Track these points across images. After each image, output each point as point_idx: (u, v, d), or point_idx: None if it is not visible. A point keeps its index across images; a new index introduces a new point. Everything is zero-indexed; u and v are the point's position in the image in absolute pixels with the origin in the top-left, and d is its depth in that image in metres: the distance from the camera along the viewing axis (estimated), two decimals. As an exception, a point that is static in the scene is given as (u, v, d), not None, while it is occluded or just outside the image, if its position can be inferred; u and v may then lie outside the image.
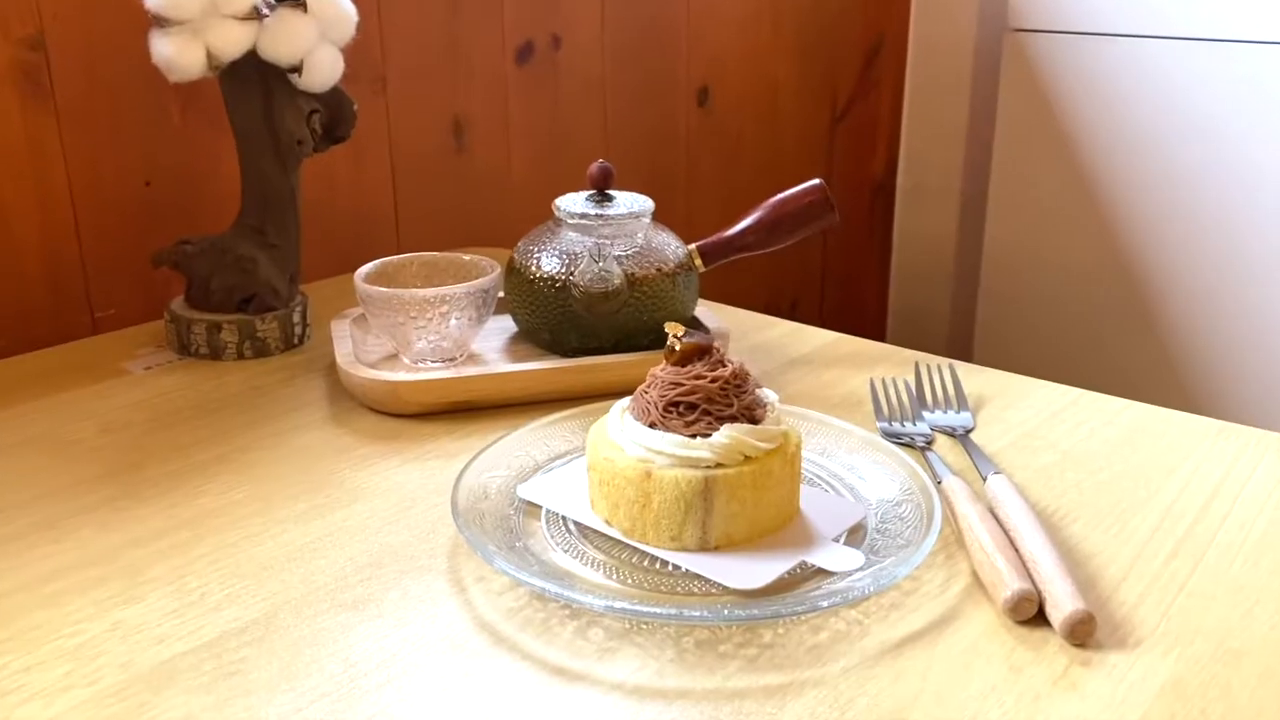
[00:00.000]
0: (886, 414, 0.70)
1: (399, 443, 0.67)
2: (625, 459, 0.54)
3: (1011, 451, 0.66)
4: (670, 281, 0.76)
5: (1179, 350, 1.54)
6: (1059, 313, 1.65)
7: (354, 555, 0.55)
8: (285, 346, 0.82)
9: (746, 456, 0.53)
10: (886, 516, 0.57)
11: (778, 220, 0.78)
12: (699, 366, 0.54)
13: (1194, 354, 1.53)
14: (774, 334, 0.87)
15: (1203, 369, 1.53)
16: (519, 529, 0.56)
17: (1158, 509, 0.59)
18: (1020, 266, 1.69)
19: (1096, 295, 1.61)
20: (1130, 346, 1.58)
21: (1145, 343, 1.57)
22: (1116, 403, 0.73)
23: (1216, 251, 1.48)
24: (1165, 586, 0.52)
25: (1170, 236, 1.52)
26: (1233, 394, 1.51)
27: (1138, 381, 1.58)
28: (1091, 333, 1.62)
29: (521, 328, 0.79)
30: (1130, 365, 1.59)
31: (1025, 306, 1.69)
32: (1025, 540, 0.53)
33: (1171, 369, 1.55)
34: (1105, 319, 1.60)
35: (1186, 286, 1.52)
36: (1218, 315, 1.50)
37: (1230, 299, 1.48)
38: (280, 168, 0.80)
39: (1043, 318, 1.67)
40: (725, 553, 0.53)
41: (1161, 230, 1.53)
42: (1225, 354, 1.51)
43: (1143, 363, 1.58)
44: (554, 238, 0.77)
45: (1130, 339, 1.58)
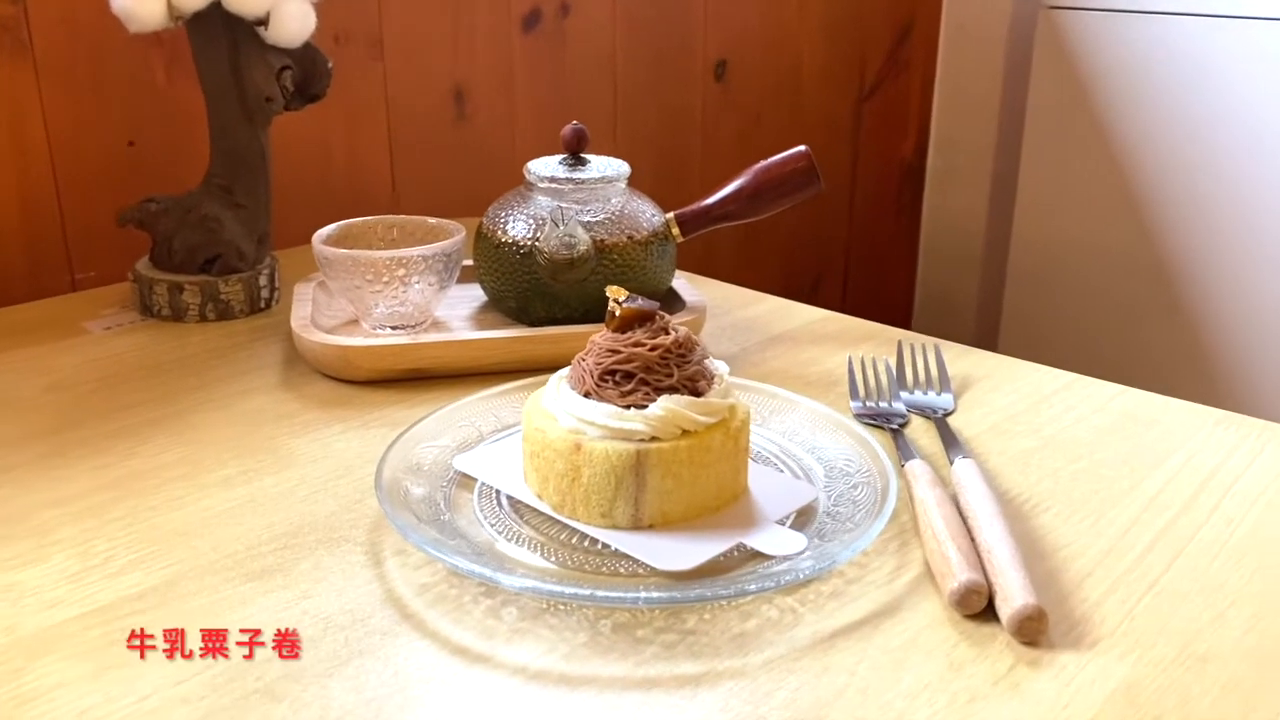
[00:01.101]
0: (862, 394, 0.66)
1: (346, 410, 0.65)
2: (556, 430, 0.50)
3: (990, 436, 0.62)
4: (643, 250, 0.72)
5: (1210, 340, 1.48)
6: (1088, 299, 1.59)
7: (273, 523, 0.52)
8: (251, 310, 0.79)
9: (685, 431, 0.50)
10: (840, 499, 0.53)
11: (760, 188, 0.74)
12: (639, 334, 0.51)
13: (1226, 345, 1.47)
14: (760, 310, 0.83)
15: (1235, 360, 1.46)
16: (448, 502, 0.53)
17: (1139, 501, 0.55)
18: (1050, 251, 1.63)
19: (1127, 282, 1.54)
20: (1160, 335, 1.52)
21: (1175, 332, 1.50)
22: (1110, 388, 0.69)
23: (1253, 240, 1.42)
24: (1134, 583, 0.48)
25: (1205, 223, 1.46)
26: (1267, 386, 1.44)
27: (1166, 370, 1.51)
28: (1120, 320, 1.56)
29: (489, 295, 0.76)
30: (1159, 354, 1.52)
31: (1054, 292, 1.63)
32: (983, 528, 0.49)
33: (1202, 358, 1.49)
34: (1135, 306, 1.54)
35: (1220, 274, 1.45)
36: (1252, 305, 1.43)
37: (1267, 288, 1.42)
38: (249, 125, 0.78)
39: (1071, 304, 1.61)
40: (659, 532, 0.49)
41: (1195, 216, 1.46)
42: (1260, 345, 1.44)
43: (1172, 352, 1.51)
44: (524, 202, 0.74)
45: (1160, 327, 1.52)
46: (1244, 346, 1.45)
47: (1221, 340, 1.47)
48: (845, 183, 1.70)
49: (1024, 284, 1.67)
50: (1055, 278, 1.63)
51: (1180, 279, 1.49)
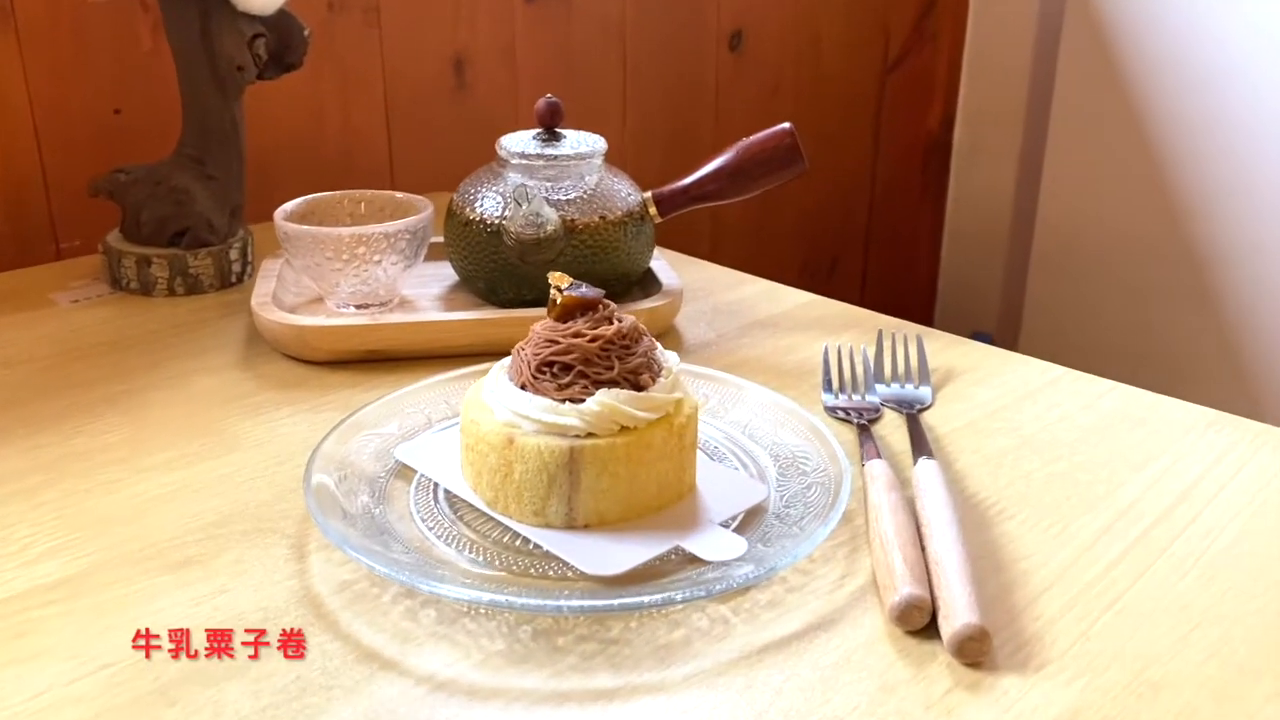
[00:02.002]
0: (835, 385, 0.63)
1: (300, 391, 0.63)
2: (491, 423, 0.48)
3: (965, 433, 0.59)
4: (618, 230, 0.70)
5: (1236, 330, 1.43)
6: (1113, 284, 1.55)
7: (202, 511, 0.51)
8: (221, 284, 0.78)
9: (623, 427, 0.47)
10: (792, 499, 0.50)
11: (741, 167, 0.71)
12: (580, 323, 0.49)
13: (1253, 336, 1.41)
14: (745, 293, 0.80)
15: (1262, 351, 1.41)
16: (383, 494, 0.51)
17: (1113, 508, 0.52)
18: (1076, 233, 1.58)
19: (1153, 268, 1.49)
20: (1186, 324, 1.47)
21: (1201, 321, 1.45)
22: (1100, 384, 0.65)
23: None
24: (1094, 600, 0.45)
25: (1236, 210, 1.40)
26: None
27: (1189, 360, 1.46)
28: (1145, 307, 1.51)
29: (459, 275, 0.74)
30: (1184, 343, 1.47)
31: (1079, 276, 1.59)
32: (934, 537, 0.46)
33: (1228, 349, 1.44)
34: (1161, 293, 1.49)
35: (1251, 264, 1.40)
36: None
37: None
38: (220, 95, 0.76)
39: (1097, 289, 1.57)
40: (594, 532, 0.47)
41: (1227, 202, 1.41)
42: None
43: (1197, 342, 1.46)
44: (495, 179, 0.71)
45: (1186, 316, 1.47)
46: (1272, 339, 1.40)
47: (1248, 332, 1.42)
48: (867, 159, 1.66)
49: (1048, 267, 1.63)
50: (1080, 261, 1.58)
51: (1208, 267, 1.44)
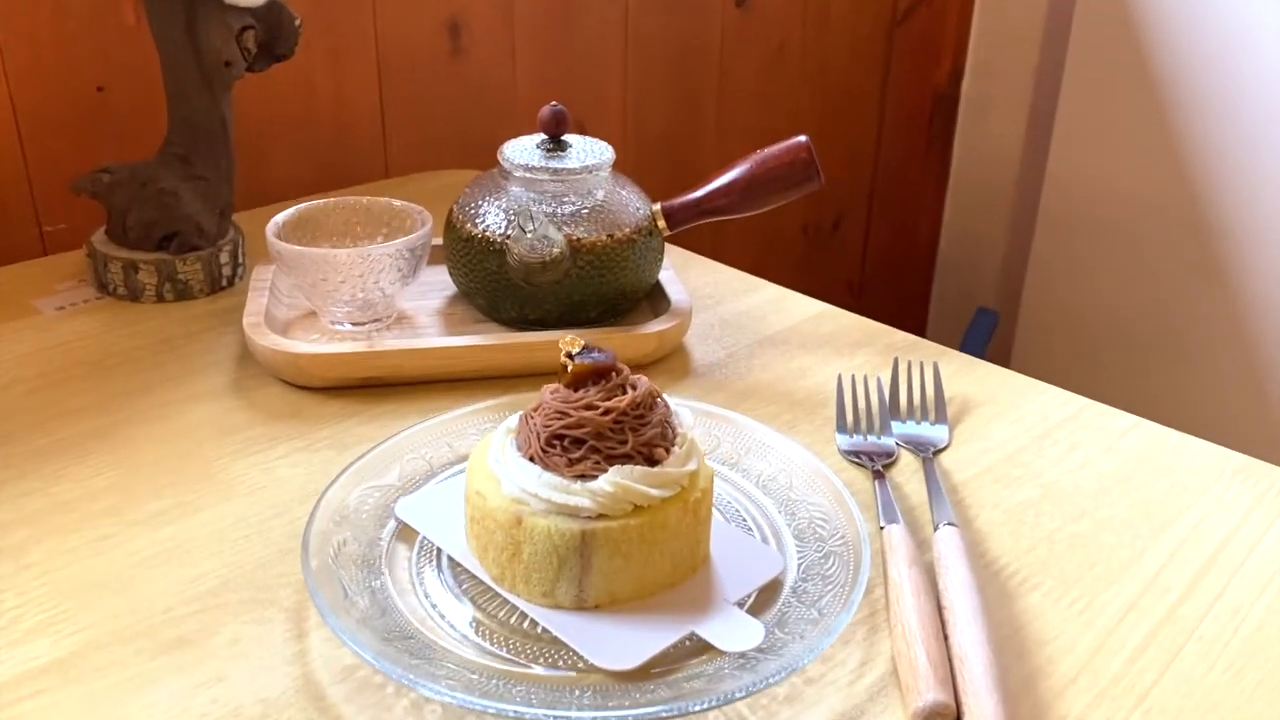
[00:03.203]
0: (849, 424, 0.61)
1: (296, 423, 0.61)
2: (498, 497, 0.46)
3: (985, 481, 0.57)
4: (626, 248, 0.67)
5: (1245, 302, 1.40)
6: (1119, 248, 1.52)
7: (198, 576, 0.49)
8: (211, 289, 0.75)
9: (637, 506, 0.45)
10: (809, 571, 0.49)
11: (754, 182, 0.68)
12: (593, 393, 0.46)
13: (1263, 307, 1.39)
14: (752, 302, 0.77)
15: (1272, 326, 1.39)
16: (384, 559, 0.49)
17: (1139, 580, 0.50)
18: (1084, 193, 1.54)
19: (1161, 234, 1.46)
20: (1191, 292, 1.45)
21: (1208, 290, 1.43)
22: (1122, 420, 0.63)
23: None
24: (1121, 697, 0.44)
25: (1251, 181, 1.37)
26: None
27: (1195, 332, 1.45)
28: (1151, 273, 1.49)
29: (459, 289, 0.71)
30: (1190, 312, 1.45)
31: (1085, 239, 1.56)
32: (958, 627, 0.44)
33: (1235, 319, 1.41)
34: (1167, 260, 1.46)
35: (1263, 236, 1.37)
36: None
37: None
38: (207, 92, 0.72)
39: (1102, 251, 1.54)
40: (604, 613, 0.45)
41: (1242, 173, 1.37)
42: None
43: (1203, 311, 1.44)
44: (497, 191, 0.68)
45: (1193, 284, 1.45)
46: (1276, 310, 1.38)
47: (1255, 305, 1.39)
48: (874, 113, 1.62)
49: (1053, 227, 1.59)
50: (1087, 222, 1.55)
51: (1217, 236, 1.41)
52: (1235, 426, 1.44)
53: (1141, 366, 1.52)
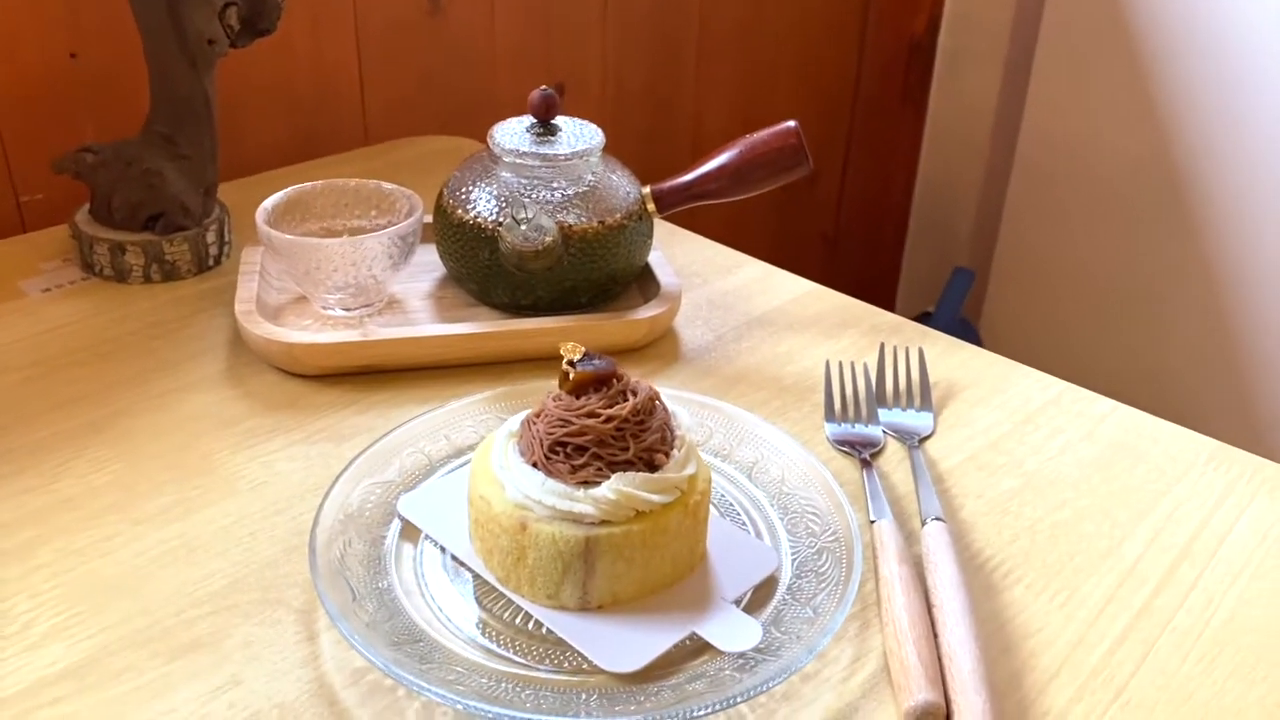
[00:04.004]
0: (837, 412, 0.62)
1: (293, 413, 0.61)
2: (502, 502, 0.47)
3: (968, 470, 0.59)
4: (617, 234, 0.67)
5: (1221, 261, 1.43)
6: (1095, 204, 1.53)
7: (206, 576, 0.50)
8: (199, 269, 0.75)
9: (638, 511, 0.46)
10: (803, 569, 0.50)
11: (743, 166, 0.68)
12: (594, 401, 0.47)
13: (1240, 266, 1.42)
14: (739, 280, 0.78)
15: (1245, 285, 1.42)
16: (390, 558, 0.50)
17: (1117, 571, 0.52)
18: (1060, 147, 1.55)
19: (1137, 190, 1.48)
20: (1165, 248, 1.47)
21: (1182, 247, 1.45)
22: (1100, 405, 0.65)
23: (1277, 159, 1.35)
24: (1101, 690, 0.46)
25: (1229, 138, 1.38)
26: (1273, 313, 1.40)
27: (1166, 288, 1.47)
28: (1126, 228, 1.51)
29: (450, 274, 0.71)
30: (1163, 269, 1.48)
31: (1060, 193, 1.57)
32: (948, 626, 0.46)
33: (1207, 276, 1.44)
34: (1142, 215, 1.48)
35: (1240, 189, 1.39)
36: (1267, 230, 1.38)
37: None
38: (190, 70, 0.71)
39: (1077, 207, 1.55)
40: (607, 614, 0.47)
41: (1219, 130, 1.39)
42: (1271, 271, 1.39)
43: (1176, 268, 1.46)
44: (487, 176, 0.68)
45: (1166, 241, 1.47)
46: (1251, 268, 1.40)
47: (1234, 258, 1.42)
48: (851, 64, 1.61)
49: (1030, 179, 1.61)
50: (1062, 177, 1.56)
51: (1195, 191, 1.43)
52: (1206, 384, 1.47)
53: (1114, 321, 1.55)
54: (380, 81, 1.05)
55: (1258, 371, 1.43)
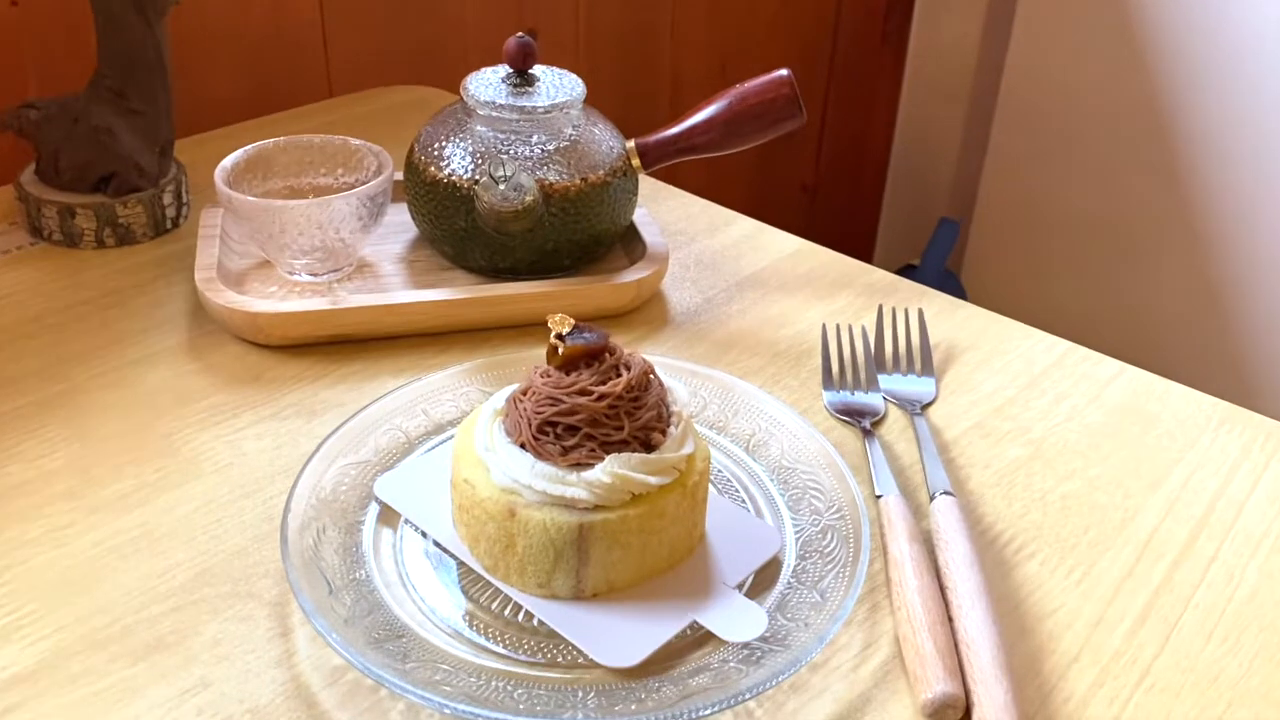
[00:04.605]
0: (835, 379, 0.59)
1: (259, 388, 0.57)
2: (488, 486, 0.44)
3: (974, 438, 0.56)
4: (600, 191, 0.64)
5: (1205, 206, 1.41)
6: (1078, 151, 1.50)
7: (170, 568, 0.47)
8: (155, 232, 0.70)
9: (634, 494, 0.43)
10: (808, 549, 0.47)
11: (734, 119, 0.65)
12: (586, 378, 0.44)
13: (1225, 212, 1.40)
14: (729, 238, 0.75)
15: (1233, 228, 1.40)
16: (368, 546, 0.47)
17: (1134, 543, 0.50)
18: (1044, 91, 1.52)
19: (1121, 134, 1.45)
20: (1149, 195, 1.45)
21: (1166, 192, 1.43)
22: (1107, 366, 0.63)
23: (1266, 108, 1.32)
24: (1124, 672, 0.44)
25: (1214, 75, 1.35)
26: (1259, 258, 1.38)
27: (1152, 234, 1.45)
28: (1110, 175, 1.48)
29: (423, 235, 0.67)
30: (1146, 216, 1.45)
31: (1043, 139, 1.54)
32: (964, 611, 0.44)
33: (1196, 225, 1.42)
34: (1127, 162, 1.45)
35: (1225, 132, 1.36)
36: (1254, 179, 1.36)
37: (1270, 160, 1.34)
38: (140, 19, 0.66)
39: (1060, 154, 1.52)
40: (602, 602, 0.44)
41: (1204, 67, 1.36)
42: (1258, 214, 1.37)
43: (1160, 214, 1.44)
44: (460, 130, 0.64)
45: (1150, 187, 1.44)
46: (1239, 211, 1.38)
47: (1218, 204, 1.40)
48: (830, 6, 1.57)
49: (1012, 126, 1.57)
50: (1045, 122, 1.53)
51: (1179, 136, 1.40)
52: (1192, 330, 1.46)
53: (1098, 268, 1.53)
54: (344, 29, 1.00)
55: (1245, 318, 1.41)
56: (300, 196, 0.65)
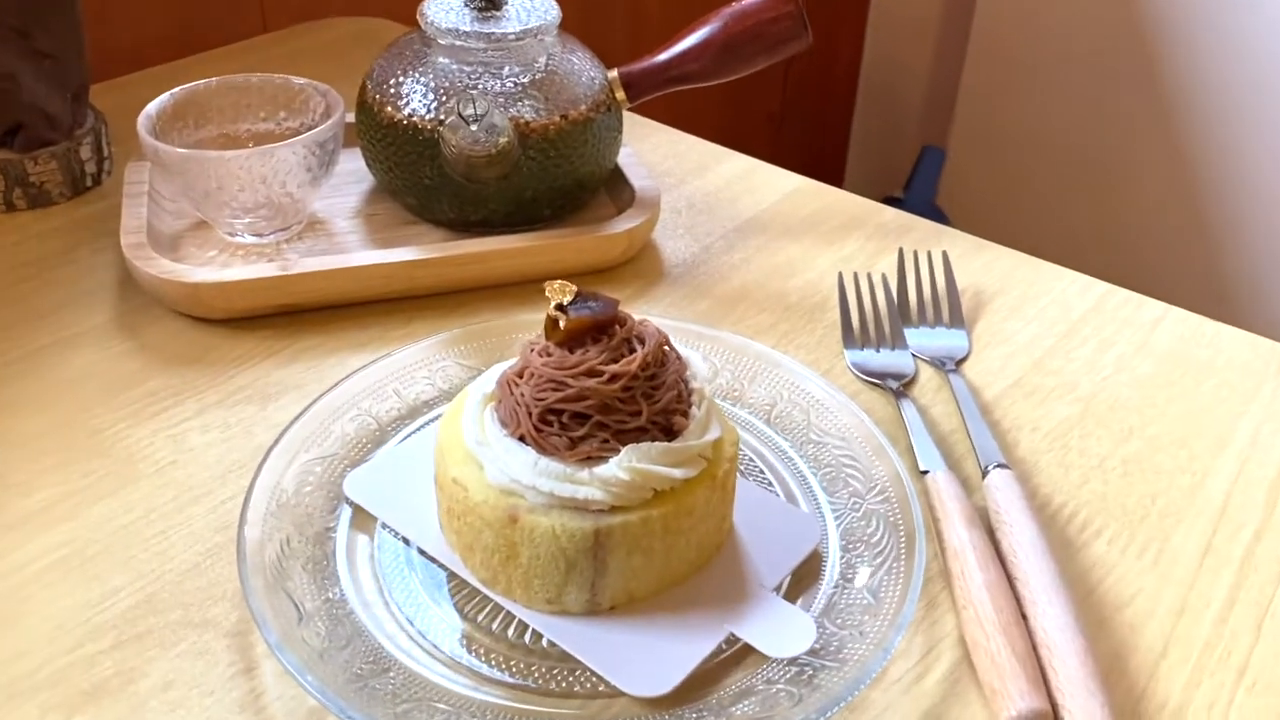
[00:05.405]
0: (857, 336, 0.53)
1: (201, 370, 0.50)
2: (482, 488, 0.37)
3: (1016, 398, 0.50)
4: (581, 130, 0.56)
5: (1185, 128, 1.35)
6: (1055, 68, 1.44)
7: (108, 594, 0.39)
8: (74, 192, 0.62)
9: (656, 491, 0.37)
10: (851, 539, 0.41)
11: (730, 42, 0.57)
12: (593, 355, 0.37)
13: (1202, 132, 1.34)
14: (721, 177, 0.68)
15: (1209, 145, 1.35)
16: (340, 558, 0.40)
17: (1208, 512, 0.45)
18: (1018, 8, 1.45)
19: (1102, 54, 1.39)
20: (1129, 118, 1.39)
21: (1146, 115, 1.37)
22: (1149, 309, 0.57)
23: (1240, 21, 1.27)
24: (1219, 670, 0.38)
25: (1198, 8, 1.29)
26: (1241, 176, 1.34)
27: (1129, 156, 1.40)
28: (1090, 102, 1.42)
29: (381, 186, 0.59)
30: (1126, 139, 1.40)
31: (1019, 58, 1.47)
32: (1039, 607, 0.38)
33: (1173, 147, 1.37)
34: (1108, 74, 1.39)
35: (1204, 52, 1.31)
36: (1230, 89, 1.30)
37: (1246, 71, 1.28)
38: (39, -57, 0.57)
39: (1037, 83, 1.46)
40: (621, 616, 0.38)
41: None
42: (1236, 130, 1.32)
43: (1140, 137, 1.39)
44: (419, 63, 0.56)
45: (1130, 110, 1.38)
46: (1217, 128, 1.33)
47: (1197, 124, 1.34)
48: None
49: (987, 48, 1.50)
50: (1022, 40, 1.46)
51: (1158, 58, 1.34)
52: (1168, 254, 1.42)
53: (1079, 193, 1.47)
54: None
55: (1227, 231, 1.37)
56: (238, 146, 0.57)
